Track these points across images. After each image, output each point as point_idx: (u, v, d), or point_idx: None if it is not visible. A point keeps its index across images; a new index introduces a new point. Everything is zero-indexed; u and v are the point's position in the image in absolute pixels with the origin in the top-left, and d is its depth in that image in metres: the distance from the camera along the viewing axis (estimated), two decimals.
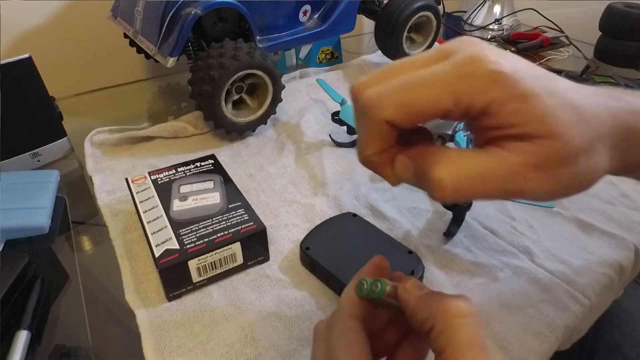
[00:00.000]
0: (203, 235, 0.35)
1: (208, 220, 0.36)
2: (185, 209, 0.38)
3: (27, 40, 0.65)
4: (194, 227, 0.36)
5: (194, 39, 0.55)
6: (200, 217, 0.37)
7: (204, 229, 0.35)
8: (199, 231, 0.35)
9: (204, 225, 0.36)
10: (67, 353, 0.33)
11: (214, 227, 0.36)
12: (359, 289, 0.24)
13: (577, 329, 0.35)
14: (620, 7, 0.75)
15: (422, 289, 0.23)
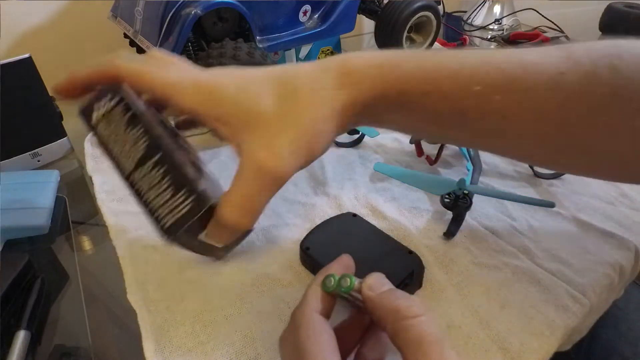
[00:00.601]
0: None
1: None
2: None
3: (27, 40, 0.65)
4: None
5: (194, 39, 0.55)
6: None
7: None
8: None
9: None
10: (67, 353, 0.33)
11: None
12: (326, 285, 0.25)
13: (577, 329, 0.35)
14: (620, 7, 0.75)
15: (383, 285, 0.24)
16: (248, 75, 0.27)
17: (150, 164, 0.28)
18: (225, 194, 0.25)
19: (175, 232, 0.27)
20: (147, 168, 0.28)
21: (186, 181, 0.27)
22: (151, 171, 0.28)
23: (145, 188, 0.28)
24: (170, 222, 0.27)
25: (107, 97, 0.30)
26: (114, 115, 0.30)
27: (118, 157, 0.31)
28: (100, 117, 0.31)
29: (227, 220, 0.26)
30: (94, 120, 0.31)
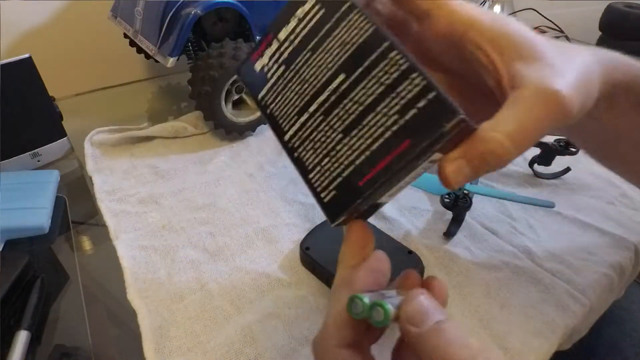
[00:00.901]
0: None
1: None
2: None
3: (27, 40, 0.65)
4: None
5: (194, 39, 0.55)
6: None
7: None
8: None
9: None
10: (67, 353, 0.33)
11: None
12: (353, 311, 0.20)
13: (577, 329, 0.35)
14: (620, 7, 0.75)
15: (427, 317, 0.19)
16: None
17: (370, 62, 0.22)
18: (496, 119, 0.21)
19: (417, 151, 0.20)
20: (365, 70, 0.22)
21: (432, 86, 0.20)
22: (377, 72, 0.21)
23: (364, 98, 0.22)
24: (413, 138, 0.20)
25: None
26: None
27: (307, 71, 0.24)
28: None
29: (494, 147, 0.20)
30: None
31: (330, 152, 0.23)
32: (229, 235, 0.41)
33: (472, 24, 0.23)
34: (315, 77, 0.23)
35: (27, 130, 0.48)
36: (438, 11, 0.24)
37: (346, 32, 0.22)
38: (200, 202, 0.45)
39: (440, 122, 0.19)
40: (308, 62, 0.24)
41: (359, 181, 0.21)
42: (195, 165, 0.51)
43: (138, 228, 0.42)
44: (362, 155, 0.21)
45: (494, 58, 0.23)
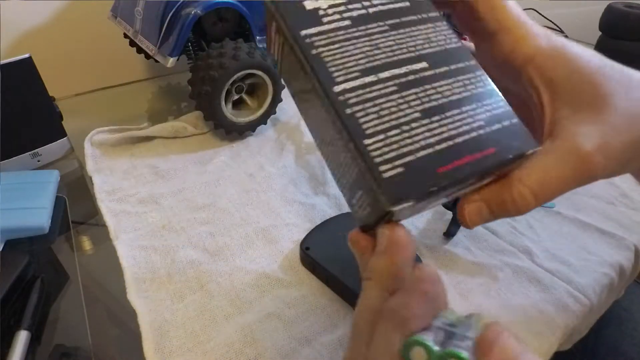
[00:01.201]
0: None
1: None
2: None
3: (27, 40, 0.65)
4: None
5: (194, 39, 0.55)
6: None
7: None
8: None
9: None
10: (67, 353, 0.33)
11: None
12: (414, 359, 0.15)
13: (577, 329, 0.35)
14: (620, 7, 0.75)
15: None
16: (603, 59, 0.23)
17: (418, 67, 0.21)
18: (525, 169, 0.21)
19: (498, 161, 0.19)
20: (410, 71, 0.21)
21: (514, 113, 0.21)
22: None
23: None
24: (498, 148, 0.19)
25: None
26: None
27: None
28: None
29: (517, 198, 0.20)
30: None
31: (403, 126, 0.20)
32: (229, 235, 0.41)
33: (533, 57, 0.22)
34: (391, 50, 0.22)
35: (27, 130, 0.48)
36: (504, 36, 0.23)
37: (432, 32, 0.22)
38: (200, 202, 0.45)
39: (522, 147, 0.20)
40: (384, 34, 0.22)
41: (438, 167, 0.19)
42: (195, 165, 0.51)
43: (138, 228, 0.42)
44: (443, 143, 0.20)
45: (543, 100, 0.22)
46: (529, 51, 0.23)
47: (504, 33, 0.23)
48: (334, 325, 0.34)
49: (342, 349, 0.32)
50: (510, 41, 0.23)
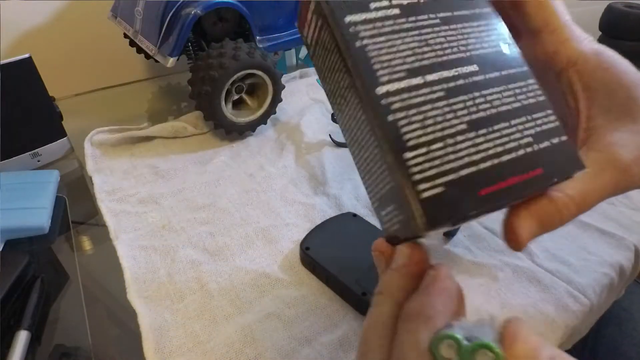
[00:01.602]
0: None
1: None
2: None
3: (27, 40, 0.65)
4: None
5: (194, 39, 0.55)
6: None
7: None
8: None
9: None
10: (67, 353, 0.33)
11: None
12: (444, 355, 0.15)
13: (577, 328, 0.35)
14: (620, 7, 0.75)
15: (539, 351, 0.16)
16: (637, 71, 0.23)
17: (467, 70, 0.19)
18: (568, 182, 0.20)
19: (545, 184, 0.19)
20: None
21: (564, 130, 0.19)
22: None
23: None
24: (545, 170, 0.18)
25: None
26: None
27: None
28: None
29: (561, 209, 0.20)
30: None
31: (447, 139, 0.18)
32: (229, 235, 0.41)
33: (576, 61, 0.22)
34: (442, 48, 0.19)
35: (27, 130, 0.48)
36: (549, 36, 0.22)
37: (485, 30, 0.20)
38: (200, 202, 0.45)
39: (569, 169, 0.19)
40: (435, 29, 0.20)
41: (480, 189, 0.17)
42: (195, 165, 0.51)
43: (138, 228, 0.42)
44: (489, 161, 0.18)
45: (580, 106, 0.22)
46: (573, 54, 0.22)
47: (549, 33, 0.22)
48: (334, 325, 0.34)
49: (342, 349, 0.32)
50: (555, 42, 0.22)
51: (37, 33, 0.66)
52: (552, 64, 0.23)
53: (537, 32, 0.23)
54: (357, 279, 0.35)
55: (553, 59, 0.22)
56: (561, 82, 0.23)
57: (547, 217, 0.20)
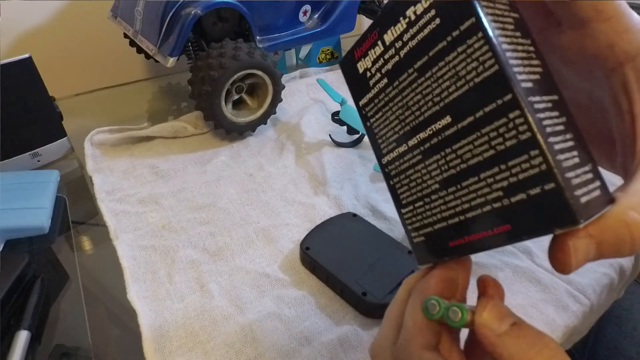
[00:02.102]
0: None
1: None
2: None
3: (27, 40, 0.65)
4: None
5: (194, 39, 0.55)
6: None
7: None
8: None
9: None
10: (67, 353, 0.33)
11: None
12: (430, 311, 0.20)
13: (577, 328, 0.35)
14: None
15: (502, 319, 0.18)
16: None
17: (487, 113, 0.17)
18: (635, 196, 0.17)
19: (514, 240, 0.17)
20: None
21: (554, 175, 0.15)
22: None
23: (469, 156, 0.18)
24: (514, 227, 0.17)
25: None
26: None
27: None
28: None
29: (637, 233, 0.16)
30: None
31: (425, 198, 0.21)
32: (229, 235, 0.41)
33: (635, 57, 0.18)
34: (419, 107, 0.20)
35: (27, 130, 0.48)
36: (602, 26, 0.18)
37: (462, 61, 0.17)
38: (200, 202, 0.45)
39: (551, 224, 0.16)
40: (413, 86, 0.20)
41: (450, 241, 0.20)
42: (195, 165, 0.51)
43: (138, 228, 0.42)
44: (456, 218, 0.19)
45: (635, 109, 0.18)
46: (631, 49, 0.18)
47: (602, 22, 0.18)
48: (334, 325, 0.34)
49: (342, 349, 0.32)
50: (610, 33, 0.18)
51: (37, 33, 0.66)
52: (603, 59, 0.19)
53: (586, 22, 0.18)
54: (357, 279, 0.35)
55: (606, 54, 0.18)
56: (613, 81, 0.19)
57: (613, 241, 0.16)
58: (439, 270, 0.21)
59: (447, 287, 0.21)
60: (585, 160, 0.17)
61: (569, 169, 0.16)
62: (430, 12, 0.18)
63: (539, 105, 0.16)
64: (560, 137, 0.16)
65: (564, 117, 0.17)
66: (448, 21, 0.18)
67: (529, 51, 0.18)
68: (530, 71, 0.17)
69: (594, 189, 0.17)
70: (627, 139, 0.19)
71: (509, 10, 0.18)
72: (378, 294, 0.33)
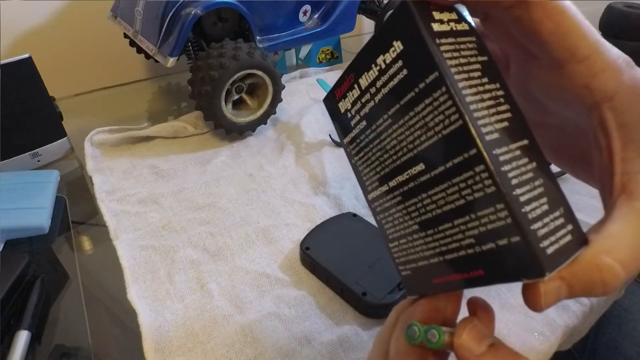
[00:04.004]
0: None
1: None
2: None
3: (27, 40, 0.65)
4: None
5: (194, 39, 0.55)
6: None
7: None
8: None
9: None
10: (67, 353, 0.33)
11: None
12: (411, 337, 0.20)
13: (577, 328, 0.35)
14: (620, 7, 0.75)
15: (481, 341, 0.19)
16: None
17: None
18: (609, 239, 0.17)
19: (488, 284, 0.18)
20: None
21: (519, 228, 0.16)
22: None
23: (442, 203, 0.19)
24: (487, 273, 0.18)
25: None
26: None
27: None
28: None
29: (609, 278, 0.16)
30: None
31: (408, 237, 0.21)
32: (229, 235, 0.41)
33: (613, 97, 0.18)
34: (395, 152, 0.20)
35: (27, 130, 0.48)
36: (577, 67, 0.18)
37: (430, 113, 0.18)
38: (200, 202, 0.45)
39: (518, 274, 0.16)
40: (388, 131, 0.20)
41: (432, 278, 0.21)
42: (195, 165, 0.51)
43: (138, 228, 0.42)
44: (435, 258, 0.20)
45: (614, 147, 0.18)
46: (608, 89, 0.18)
47: (577, 63, 0.18)
48: (334, 325, 0.34)
49: (342, 349, 0.32)
50: (585, 75, 0.18)
51: (37, 33, 0.66)
52: (581, 99, 0.18)
53: (561, 63, 0.18)
54: (357, 279, 0.35)
55: (583, 95, 0.18)
56: (591, 119, 0.19)
57: (585, 284, 0.17)
58: (425, 300, 0.22)
59: (432, 316, 0.21)
60: (556, 205, 0.17)
61: (535, 219, 0.16)
62: (398, 63, 0.19)
63: (505, 156, 0.16)
64: (527, 187, 0.16)
65: (534, 162, 0.17)
66: (415, 73, 0.18)
67: (496, 97, 0.18)
68: (497, 119, 0.17)
69: (565, 234, 0.17)
70: (605, 175, 0.19)
71: (476, 55, 0.18)
72: (378, 294, 0.33)
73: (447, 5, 0.18)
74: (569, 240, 0.17)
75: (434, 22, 0.17)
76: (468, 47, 0.18)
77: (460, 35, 0.18)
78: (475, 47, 0.18)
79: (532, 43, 0.18)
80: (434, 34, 0.17)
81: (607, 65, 0.18)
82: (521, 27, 0.18)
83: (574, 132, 0.21)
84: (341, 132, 0.24)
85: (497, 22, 0.20)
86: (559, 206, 0.17)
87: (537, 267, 0.15)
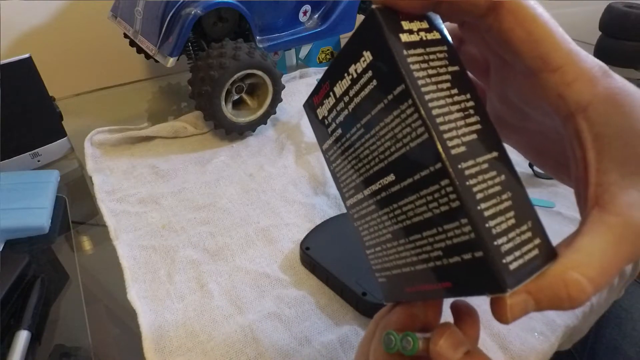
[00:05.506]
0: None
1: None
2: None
3: (27, 40, 0.65)
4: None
5: (194, 39, 0.55)
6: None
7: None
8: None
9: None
10: (67, 353, 0.33)
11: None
12: (387, 345, 0.20)
13: (577, 328, 0.35)
14: (620, 7, 0.75)
15: (457, 347, 0.19)
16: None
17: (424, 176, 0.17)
18: (577, 253, 0.17)
19: (456, 296, 0.18)
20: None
21: (481, 243, 0.16)
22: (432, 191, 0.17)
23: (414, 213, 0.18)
24: (454, 285, 0.18)
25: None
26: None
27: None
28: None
29: (575, 293, 0.16)
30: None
31: (382, 245, 0.21)
32: (229, 235, 0.41)
33: (587, 107, 0.17)
34: (368, 161, 0.20)
35: (27, 130, 0.48)
36: (551, 77, 0.17)
37: (398, 125, 0.18)
38: (200, 202, 0.45)
39: (482, 289, 0.16)
40: (361, 140, 0.20)
41: (406, 287, 0.21)
42: (195, 165, 0.51)
43: (138, 228, 0.42)
44: (408, 267, 0.20)
45: (588, 158, 0.18)
46: (582, 99, 0.17)
47: (550, 72, 0.17)
48: (334, 325, 0.34)
49: (342, 349, 0.32)
50: (559, 84, 0.17)
51: (37, 33, 0.66)
52: (556, 108, 0.18)
53: (535, 72, 0.18)
54: (357, 279, 0.35)
55: (557, 104, 0.18)
56: (567, 129, 0.18)
57: (552, 299, 0.17)
58: (401, 307, 0.22)
59: (409, 323, 0.21)
60: (523, 219, 0.17)
61: (500, 234, 0.16)
62: (368, 73, 0.18)
63: (471, 170, 0.16)
64: (493, 201, 0.16)
65: (502, 175, 0.17)
66: (383, 84, 0.18)
67: (465, 108, 0.17)
68: (465, 132, 0.17)
69: (531, 248, 0.17)
70: (581, 185, 0.18)
71: (446, 65, 0.18)
72: (378, 294, 0.33)
73: (417, 14, 0.18)
74: (535, 254, 0.17)
75: (402, 33, 0.17)
76: (438, 57, 0.18)
77: (431, 45, 0.18)
78: (446, 56, 0.18)
79: (506, 51, 0.18)
80: (401, 45, 0.17)
81: (581, 75, 0.17)
82: (494, 35, 0.18)
83: (555, 138, 0.20)
84: (320, 138, 0.24)
85: (473, 28, 0.19)
86: (527, 220, 0.17)
87: (500, 282, 0.16)
